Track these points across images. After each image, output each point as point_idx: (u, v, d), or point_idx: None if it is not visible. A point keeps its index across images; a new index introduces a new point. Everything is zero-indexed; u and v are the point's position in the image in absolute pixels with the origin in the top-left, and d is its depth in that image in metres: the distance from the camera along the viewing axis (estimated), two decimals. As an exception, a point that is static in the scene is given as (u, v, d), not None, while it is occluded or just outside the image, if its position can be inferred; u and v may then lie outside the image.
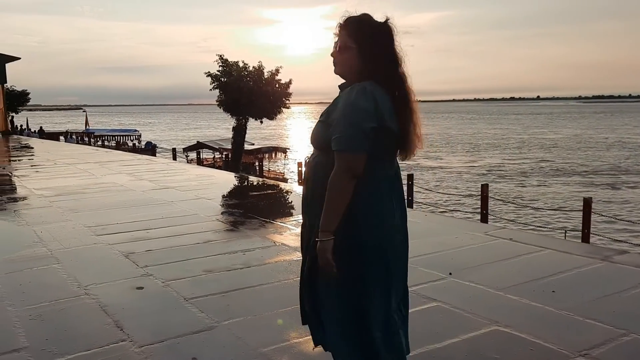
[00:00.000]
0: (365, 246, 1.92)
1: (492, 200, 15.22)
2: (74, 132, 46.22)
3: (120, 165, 11.79)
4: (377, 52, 1.93)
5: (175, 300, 3.52)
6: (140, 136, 46.28)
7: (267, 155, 28.76)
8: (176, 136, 70.55)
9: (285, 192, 8.35)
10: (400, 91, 1.95)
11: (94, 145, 37.93)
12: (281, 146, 32.01)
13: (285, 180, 23.58)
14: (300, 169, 22.07)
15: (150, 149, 34.14)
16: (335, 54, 1.99)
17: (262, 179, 13.40)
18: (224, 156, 28.65)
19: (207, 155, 32.03)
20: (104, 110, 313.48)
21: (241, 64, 22.23)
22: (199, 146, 30.96)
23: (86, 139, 43.43)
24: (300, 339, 2.86)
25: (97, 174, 10.25)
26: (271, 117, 22.68)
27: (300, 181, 19.38)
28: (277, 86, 22.32)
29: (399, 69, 1.96)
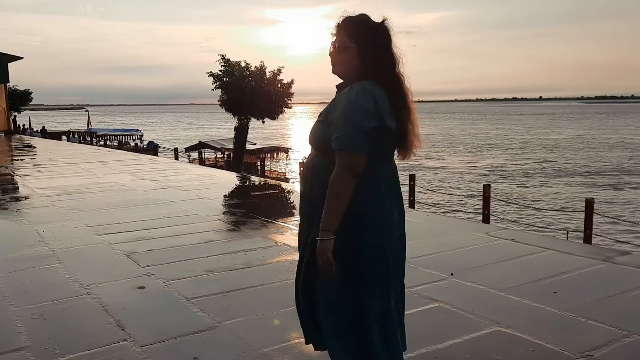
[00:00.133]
0: (365, 246, 1.93)
1: (494, 200, 15.20)
2: (76, 132, 46.30)
3: (122, 164, 11.80)
4: (376, 52, 1.94)
5: (176, 300, 3.52)
6: (142, 136, 46.33)
7: (268, 155, 28.77)
8: (178, 136, 70.62)
9: (287, 192, 8.35)
10: (398, 91, 1.96)
11: (96, 144, 37.97)
12: (283, 146, 32.01)
13: (287, 180, 23.57)
14: (302, 169, 22.07)
15: (152, 149, 34.18)
16: (333, 53, 1.99)
17: (263, 179, 13.41)
18: (225, 156, 28.67)
19: (209, 155, 32.05)
20: (106, 109, 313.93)
21: (243, 64, 22.24)
22: (200, 146, 30.98)
23: (88, 139, 43.50)
24: (301, 339, 2.84)
25: (99, 173, 10.26)
26: (273, 117, 22.69)
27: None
28: (279, 86, 22.33)
29: (397, 69, 1.97)
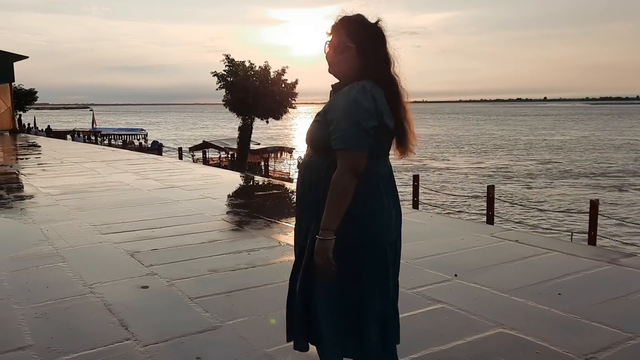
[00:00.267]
0: (365, 245, 1.95)
1: (498, 201, 15.16)
2: (81, 131, 46.44)
3: (126, 164, 11.82)
4: (374, 52, 1.96)
5: (179, 299, 3.52)
6: (146, 135, 46.43)
7: (272, 155, 28.78)
8: (182, 135, 70.77)
9: (290, 192, 8.34)
10: (395, 90, 1.99)
11: (101, 144, 38.07)
12: (287, 146, 32.02)
13: (290, 180, 23.57)
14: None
15: (156, 148, 34.27)
16: (331, 53, 1.99)
17: (267, 178, 13.41)
18: (229, 156, 28.70)
19: (213, 154, 32.08)
20: (111, 109, 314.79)
21: (247, 64, 22.25)
22: (204, 146, 31.02)
23: (93, 138, 43.62)
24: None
25: (103, 172, 10.29)
26: (277, 117, 22.69)
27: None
28: (283, 86, 22.32)
29: (393, 69, 2.00)
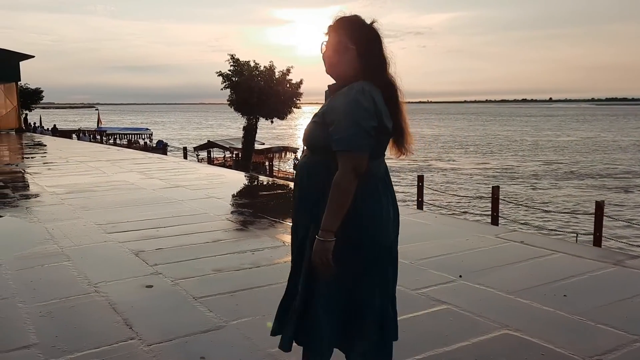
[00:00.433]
0: (364, 245, 1.95)
1: (503, 202, 15.12)
2: (86, 130, 46.61)
3: (131, 163, 11.85)
4: (373, 53, 1.97)
5: (184, 299, 3.52)
6: (151, 135, 46.56)
7: (277, 154, 28.81)
8: (187, 135, 70.90)
9: (295, 192, 8.34)
10: (392, 91, 1.99)
11: (106, 143, 38.19)
12: (291, 146, 32.04)
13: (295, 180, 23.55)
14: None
15: (161, 148, 34.37)
16: (330, 54, 1.99)
17: (272, 178, 13.42)
18: (234, 155, 28.74)
19: (217, 154, 32.14)
20: (116, 108, 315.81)
21: (252, 64, 22.28)
22: (209, 145, 31.07)
23: (98, 137, 43.77)
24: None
25: (108, 172, 10.32)
26: (282, 116, 22.71)
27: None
28: (287, 86, 22.34)
29: (389, 69, 2.01)
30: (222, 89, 22.33)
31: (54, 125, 47.85)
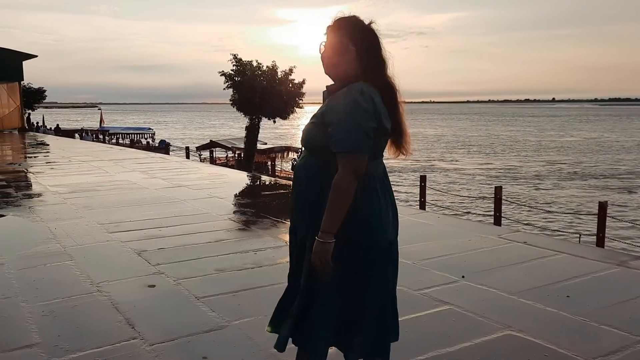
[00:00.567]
0: (363, 245, 1.95)
1: (506, 203, 15.09)
2: (89, 130, 46.69)
3: (134, 163, 11.86)
4: (372, 54, 1.97)
5: (186, 298, 3.52)
6: (154, 134, 46.63)
7: (279, 154, 28.79)
8: (190, 135, 70.94)
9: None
10: (390, 91, 1.99)
11: (109, 142, 38.24)
12: (294, 146, 32.01)
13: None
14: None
15: (163, 147, 34.40)
16: (330, 54, 1.98)
17: (274, 178, 13.40)
18: (236, 155, 28.75)
19: (219, 154, 32.15)
20: (119, 108, 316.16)
21: (255, 64, 22.26)
22: (212, 145, 31.08)
23: (101, 137, 43.84)
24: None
25: (111, 171, 10.33)
26: (284, 116, 22.68)
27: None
28: (290, 86, 22.31)
29: (388, 70, 2.01)
30: (224, 89, 22.32)
31: (57, 124, 47.95)
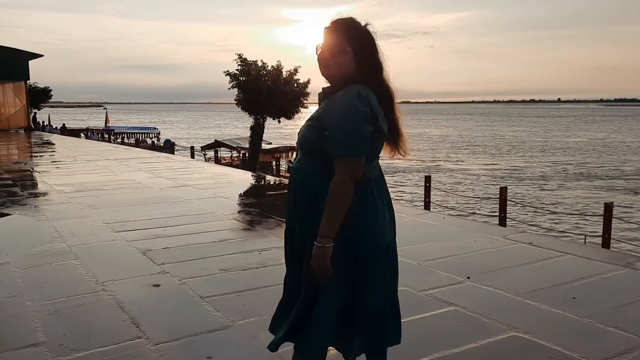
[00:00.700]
0: (360, 247, 1.95)
1: (512, 204, 15.04)
2: (94, 129, 46.84)
3: (139, 162, 11.89)
4: (369, 56, 1.97)
5: (191, 298, 3.52)
6: (159, 134, 46.72)
7: (284, 154, 28.81)
8: (195, 134, 71.05)
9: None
10: (387, 93, 1.99)
11: (114, 142, 38.35)
12: (298, 146, 31.97)
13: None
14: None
15: (168, 147, 34.47)
16: (327, 56, 1.96)
17: (278, 178, 13.40)
18: (241, 155, 28.78)
19: (224, 154, 32.20)
20: (124, 107, 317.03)
21: (260, 63, 22.27)
22: (216, 145, 31.13)
23: (106, 136, 43.98)
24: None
25: (116, 170, 10.35)
26: (289, 116, 22.69)
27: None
28: (295, 86, 22.32)
29: (384, 72, 2.01)
30: (229, 89, 22.35)
31: (63, 124, 48.13)
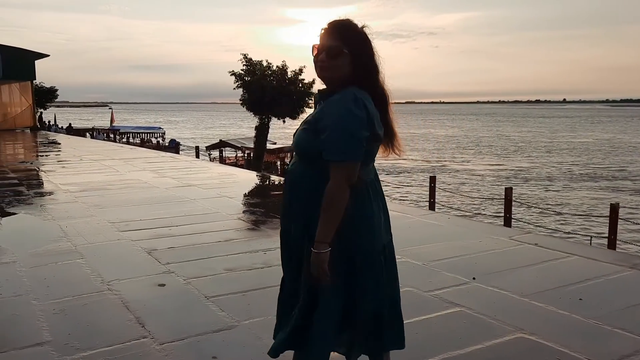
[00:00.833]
0: (356, 251, 1.95)
1: (517, 204, 14.99)
2: (100, 129, 46.98)
3: (144, 162, 11.91)
4: (366, 58, 1.96)
5: (196, 298, 3.52)
6: (164, 134, 46.83)
7: (289, 154, 28.80)
8: (200, 134, 71.15)
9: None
10: (382, 96, 1.99)
11: (119, 142, 38.45)
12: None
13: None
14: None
15: (173, 147, 34.50)
16: (323, 58, 1.94)
17: (283, 178, 13.42)
18: (246, 155, 28.81)
19: (229, 153, 32.23)
20: (129, 107, 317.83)
21: (265, 63, 22.29)
22: (221, 145, 31.16)
23: (112, 136, 44.10)
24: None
25: (121, 170, 10.38)
26: (294, 116, 22.68)
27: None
28: (300, 86, 22.31)
29: (380, 74, 2.00)
30: (234, 89, 22.36)
31: (69, 124, 48.30)
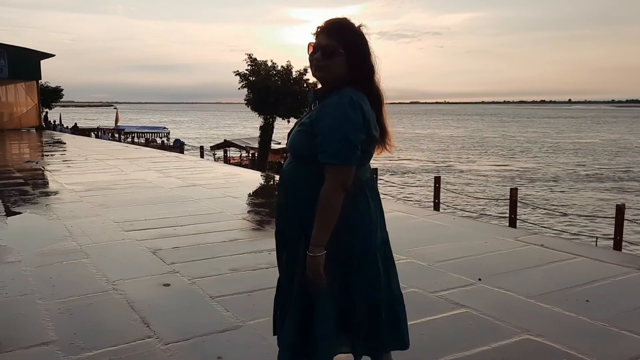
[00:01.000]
0: (353, 252, 1.95)
1: (523, 205, 14.94)
2: (105, 129, 47.08)
3: (149, 162, 11.94)
4: (362, 58, 1.95)
5: (201, 298, 3.52)
6: (169, 134, 46.86)
7: (293, 154, 28.80)
8: (204, 134, 71.24)
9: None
10: (378, 97, 1.99)
11: (124, 141, 38.54)
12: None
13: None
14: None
15: (178, 147, 34.58)
16: (319, 57, 1.93)
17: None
18: (250, 155, 28.82)
19: (234, 153, 32.24)
20: (134, 107, 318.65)
21: (270, 63, 22.31)
22: (226, 145, 31.17)
23: (116, 136, 44.20)
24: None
25: (126, 170, 10.40)
26: (298, 116, 22.66)
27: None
28: (304, 86, 22.33)
29: (377, 74, 2.00)
30: (239, 89, 22.39)
31: (75, 123, 48.42)
